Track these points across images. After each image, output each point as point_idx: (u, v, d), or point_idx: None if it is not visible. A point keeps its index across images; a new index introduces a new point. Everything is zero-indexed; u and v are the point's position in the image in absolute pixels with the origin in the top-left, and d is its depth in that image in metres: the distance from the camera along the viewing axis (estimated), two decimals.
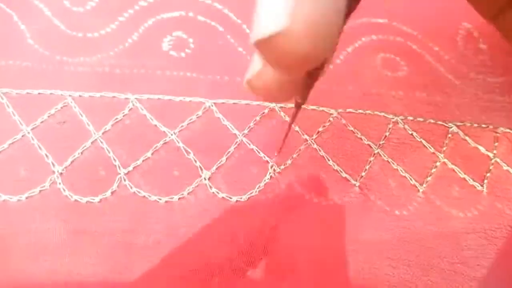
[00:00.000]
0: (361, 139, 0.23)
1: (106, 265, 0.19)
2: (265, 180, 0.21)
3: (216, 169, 0.21)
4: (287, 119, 0.23)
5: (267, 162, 0.21)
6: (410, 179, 0.22)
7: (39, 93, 0.23)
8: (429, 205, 0.21)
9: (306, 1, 0.13)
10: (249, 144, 0.22)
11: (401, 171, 0.22)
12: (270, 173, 0.21)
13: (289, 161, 0.22)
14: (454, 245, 0.21)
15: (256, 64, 0.16)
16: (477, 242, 0.21)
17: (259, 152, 0.22)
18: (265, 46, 0.13)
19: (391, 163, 0.22)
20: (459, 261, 0.20)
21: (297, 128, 0.23)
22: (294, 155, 0.22)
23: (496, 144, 0.23)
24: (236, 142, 0.22)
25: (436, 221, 0.21)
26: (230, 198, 0.21)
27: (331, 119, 0.23)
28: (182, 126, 0.22)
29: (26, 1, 0.26)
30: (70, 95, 0.23)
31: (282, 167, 0.21)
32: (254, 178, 0.21)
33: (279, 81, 0.16)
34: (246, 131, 0.22)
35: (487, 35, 0.27)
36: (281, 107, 0.23)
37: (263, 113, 0.23)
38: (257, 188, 0.21)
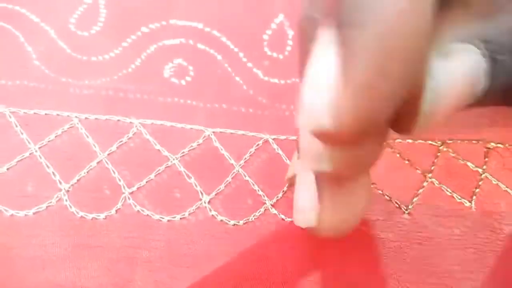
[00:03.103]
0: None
1: (109, 279, 0.20)
2: (260, 211, 0.23)
3: (215, 194, 0.23)
4: (279, 151, 0.24)
5: (261, 195, 0.23)
6: (396, 202, 0.23)
7: (46, 114, 0.24)
8: (414, 225, 0.22)
9: (328, 208, 0.16)
10: (245, 176, 0.23)
11: (387, 196, 0.23)
12: (264, 206, 0.23)
13: (280, 194, 0.23)
14: (442, 261, 0.21)
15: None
16: (465, 257, 0.21)
17: (253, 185, 0.23)
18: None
19: (375, 188, 0.23)
20: (448, 276, 0.21)
21: (288, 162, 0.24)
22: (285, 188, 0.23)
23: (487, 159, 0.24)
24: (233, 172, 0.23)
25: (422, 240, 0.22)
26: (228, 221, 0.22)
27: None
28: (183, 152, 0.24)
29: (33, 23, 0.27)
30: (76, 117, 0.24)
31: (274, 200, 0.23)
32: (250, 208, 0.23)
33: None
34: (242, 162, 0.24)
35: None
36: (274, 139, 0.25)
37: (258, 144, 0.24)
38: (253, 217, 0.23)
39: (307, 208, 0.16)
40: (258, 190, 0.23)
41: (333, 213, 0.16)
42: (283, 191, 0.23)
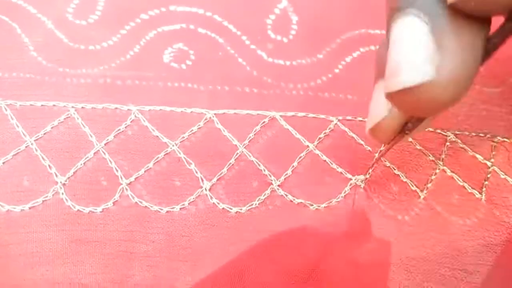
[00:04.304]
0: (361, 145, 0.23)
1: (107, 274, 0.19)
2: (265, 194, 0.21)
3: (217, 180, 0.21)
4: (288, 127, 0.23)
5: (267, 175, 0.22)
6: (411, 184, 0.22)
7: (42, 105, 0.23)
8: (430, 211, 0.22)
9: (450, 51, 0.13)
10: (249, 156, 0.22)
11: (402, 176, 0.22)
12: (271, 187, 0.21)
13: (289, 171, 0.22)
14: (454, 251, 0.21)
15: (379, 112, 0.17)
16: (476, 249, 0.21)
17: (259, 165, 0.22)
18: (405, 96, 0.14)
19: (392, 168, 0.23)
20: (459, 268, 0.21)
21: (298, 136, 0.23)
22: (295, 164, 0.22)
23: (494, 153, 0.24)
24: (237, 153, 0.22)
25: (436, 228, 0.21)
26: (230, 209, 0.21)
27: (331, 126, 0.23)
28: (183, 137, 0.22)
29: (29, 14, 0.26)
30: (72, 107, 0.23)
31: (282, 178, 0.22)
32: (254, 191, 0.21)
33: (401, 125, 0.17)
34: (246, 142, 0.22)
35: None
36: (281, 115, 0.23)
37: (264, 122, 0.23)
38: (257, 201, 0.21)
39: (419, 62, 0.13)
40: (264, 170, 0.22)
41: (454, 55, 0.13)
42: (292, 166, 0.22)
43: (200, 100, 0.24)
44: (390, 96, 0.14)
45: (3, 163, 0.21)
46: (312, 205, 0.21)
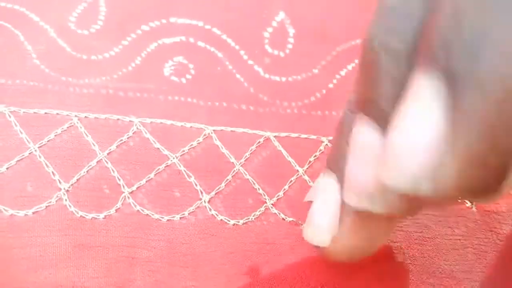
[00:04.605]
0: None
1: (109, 279, 0.20)
2: (260, 211, 0.22)
3: (215, 194, 0.23)
4: (280, 149, 0.24)
5: (261, 194, 0.23)
6: None
7: (45, 113, 0.24)
8: (415, 225, 0.22)
9: (346, 230, 0.15)
10: (245, 174, 0.23)
11: None
12: (265, 205, 0.23)
13: (281, 193, 0.23)
14: (442, 261, 0.21)
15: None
16: (466, 257, 0.21)
17: (254, 184, 0.23)
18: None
19: None
20: (448, 276, 0.21)
21: (289, 159, 0.24)
22: (286, 187, 0.23)
23: None
24: (234, 171, 0.23)
25: (423, 240, 0.22)
26: (228, 221, 0.22)
27: (321, 148, 0.25)
28: (183, 150, 0.24)
29: (32, 22, 0.27)
30: (76, 116, 0.24)
31: (275, 199, 0.23)
32: (250, 207, 0.22)
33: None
34: (243, 160, 0.24)
35: None
36: (275, 136, 0.25)
37: (259, 142, 0.24)
38: (253, 216, 0.22)
39: (323, 228, 0.15)
40: (259, 189, 0.23)
41: (350, 240, 0.15)
42: (284, 189, 0.23)
43: (199, 115, 0.25)
44: None
45: (7, 168, 0.22)
46: (302, 224, 0.22)
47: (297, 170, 0.24)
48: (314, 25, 0.28)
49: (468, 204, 0.23)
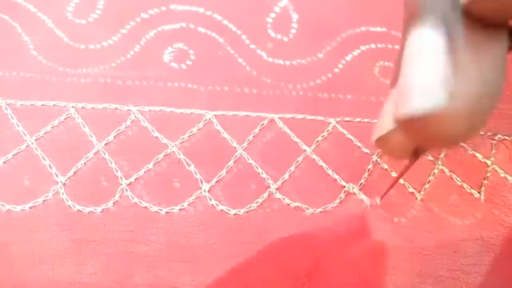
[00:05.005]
0: (359, 147, 0.23)
1: (107, 274, 0.19)
2: (263, 197, 0.21)
3: (216, 182, 0.22)
4: (286, 130, 0.23)
5: (265, 179, 0.22)
6: (408, 186, 0.22)
7: (42, 105, 0.23)
8: (427, 212, 0.22)
9: (469, 77, 0.11)
10: (248, 159, 0.22)
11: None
12: (269, 190, 0.22)
13: (286, 175, 0.22)
14: (452, 252, 0.21)
15: (386, 123, 0.14)
16: (474, 250, 0.21)
17: (257, 168, 0.22)
18: (414, 123, 0.12)
19: (389, 171, 0.23)
20: (457, 268, 0.20)
21: (295, 139, 0.23)
22: (292, 168, 0.22)
23: (494, 151, 0.23)
24: (236, 156, 0.22)
25: (434, 229, 0.21)
26: (229, 210, 0.21)
27: (329, 128, 0.23)
28: (183, 138, 0.22)
29: (30, 12, 0.26)
30: (73, 107, 0.23)
31: (280, 182, 0.22)
32: (253, 194, 0.21)
33: (408, 145, 0.15)
34: (245, 144, 0.22)
35: None
36: (280, 117, 0.23)
37: (263, 124, 0.23)
38: (255, 203, 0.21)
39: (431, 86, 0.12)
40: (262, 173, 0.22)
41: (470, 85, 0.11)
42: (289, 171, 0.22)
43: (199, 100, 0.24)
44: (398, 122, 0.13)
45: (4, 162, 0.22)
46: (308, 209, 0.21)
47: (304, 150, 0.23)
48: (317, 11, 0.27)
49: (477, 195, 0.22)
